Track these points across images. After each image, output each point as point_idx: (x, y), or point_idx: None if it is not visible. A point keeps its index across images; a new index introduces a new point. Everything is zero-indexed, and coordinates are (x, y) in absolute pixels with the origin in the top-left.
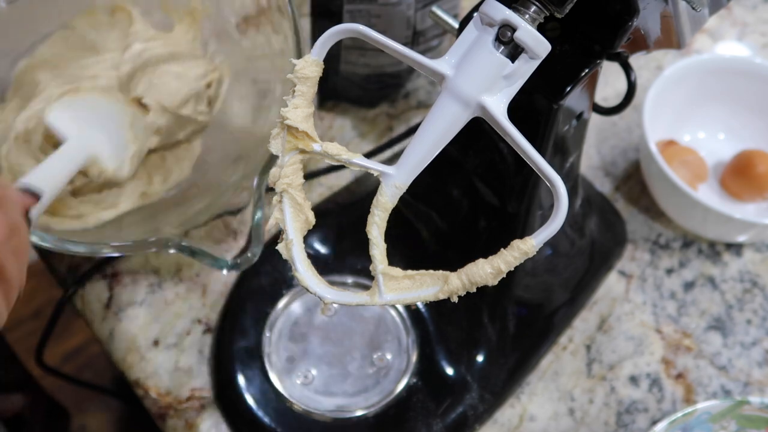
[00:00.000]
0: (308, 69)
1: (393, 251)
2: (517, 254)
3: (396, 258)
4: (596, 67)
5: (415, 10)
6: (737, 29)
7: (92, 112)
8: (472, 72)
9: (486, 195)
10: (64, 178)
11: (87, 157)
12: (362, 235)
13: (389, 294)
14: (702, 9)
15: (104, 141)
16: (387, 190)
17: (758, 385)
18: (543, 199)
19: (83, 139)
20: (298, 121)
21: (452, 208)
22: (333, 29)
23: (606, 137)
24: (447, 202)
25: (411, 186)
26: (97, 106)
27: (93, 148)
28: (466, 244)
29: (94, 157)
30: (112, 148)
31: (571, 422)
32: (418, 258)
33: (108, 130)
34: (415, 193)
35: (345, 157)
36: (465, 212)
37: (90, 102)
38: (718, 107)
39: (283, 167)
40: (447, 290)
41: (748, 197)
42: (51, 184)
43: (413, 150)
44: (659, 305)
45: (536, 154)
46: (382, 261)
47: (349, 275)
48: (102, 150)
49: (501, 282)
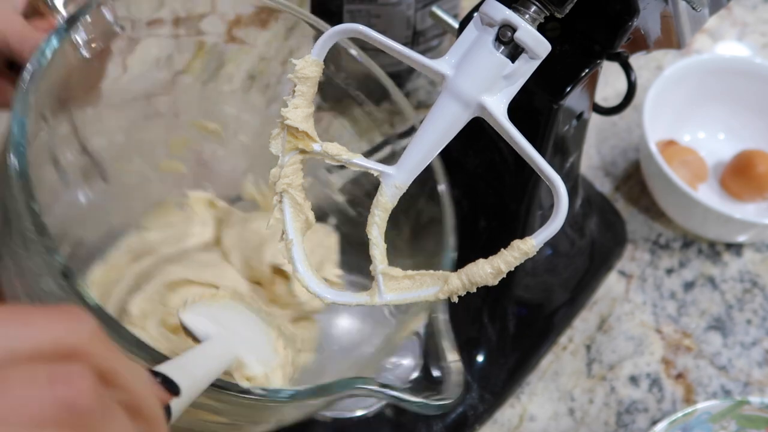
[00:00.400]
0: (308, 69)
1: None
2: (517, 254)
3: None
4: (596, 67)
5: (415, 10)
6: (737, 29)
7: (231, 315)
8: (472, 72)
9: (486, 195)
10: (207, 379)
11: (232, 360)
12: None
13: (389, 294)
14: (702, 9)
15: (248, 344)
16: (387, 190)
17: (758, 385)
18: (543, 199)
19: (227, 340)
20: (298, 121)
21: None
22: (333, 29)
23: (606, 137)
24: None
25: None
26: (235, 310)
27: (238, 351)
28: (467, 243)
29: (239, 361)
30: (258, 352)
31: (571, 422)
32: None
33: (250, 334)
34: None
35: (345, 157)
36: (465, 212)
37: (226, 305)
38: (718, 107)
39: (283, 167)
40: (447, 290)
41: (748, 197)
42: (191, 384)
43: (413, 150)
44: (659, 305)
45: (536, 154)
46: (382, 261)
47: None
48: (247, 353)
49: (501, 282)
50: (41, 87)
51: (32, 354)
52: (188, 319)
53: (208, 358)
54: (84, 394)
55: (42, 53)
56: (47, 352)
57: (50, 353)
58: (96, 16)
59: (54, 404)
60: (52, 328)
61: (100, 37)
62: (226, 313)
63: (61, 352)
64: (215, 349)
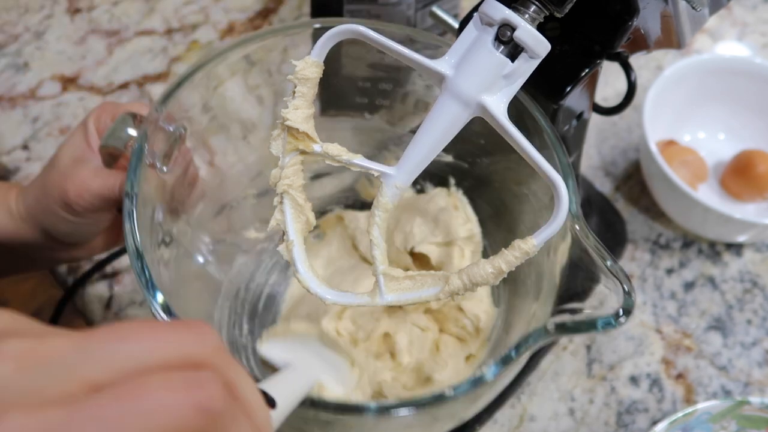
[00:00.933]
0: (308, 70)
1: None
2: (518, 254)
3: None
4: (596, 67)
5: (415, 10)
6: (737, 29)
7: (306, 345)
8: (472, 72)
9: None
10: (296, 398)
11: (313, 383)
12: None
13: (390, 294)
14: (702, 9)
15: (326, 368)
16: (387, 190)
17: (758, 385)
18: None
19: (305, 366)
20: (299, 122)
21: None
22: (333, 30)
23: (606, 137)
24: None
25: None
26: (309, 339)
27: (317, 374)
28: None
29: (320, 384)
30: (336, 375)
31: (571, 422)
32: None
33: (326, 359)
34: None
35: (345, 157)
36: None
37: (301, 337)
38: (718, 107)
39: (284, 168)
40: (448, 290)
41: (748, 197)
42: (284, 401)
43: (413, 150)
44: (659, 305)
45: (537, 154)
46: (383, 261)
47: None
48: (326, 376)
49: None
50: (142, 217)
51: (164, 364)
52: (265, 350)
53: (289, 382)
54: (217, 398)
55: (127, 192)
56: (177, 363)
57: (180, 364)
58: (155, 136)
59: (192, 407)
60: (181, 340)
61: (168, 147)
62: (300, 343)
63: (190, 363)
64: (295, 373)
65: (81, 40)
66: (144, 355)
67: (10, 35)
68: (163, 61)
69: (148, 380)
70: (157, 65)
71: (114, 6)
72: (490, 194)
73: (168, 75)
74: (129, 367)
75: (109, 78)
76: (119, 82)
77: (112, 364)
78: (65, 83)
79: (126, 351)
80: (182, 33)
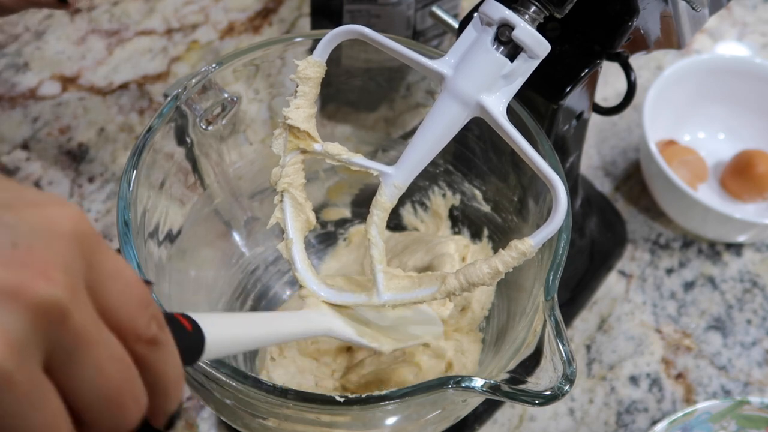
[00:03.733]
0: (310, 70)
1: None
2: (515, 254)
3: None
4: (596, 67)
5: (415, 10)
6: (737, 29)
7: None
8: (471, 71)
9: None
10: (256, 333)
11: (317, 330)
12: None
13: (387, 294)
14: (702, 9)
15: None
16: (386, 189)
17: (758, 385)
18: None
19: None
20: (300, 121)
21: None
22: (335, 31)
23: (606, 137)
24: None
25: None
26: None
27: (333, 325)
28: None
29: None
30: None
31: (571, 422)
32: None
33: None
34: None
35: (345, 156)
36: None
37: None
38: (718, 107)
39: (285, 167)
40: (444, 290)
41: (748, 197)
42: (221, 330)
43: (413, 150)
44: (659, 305)
45: (535, 154)
46: (381, 261)
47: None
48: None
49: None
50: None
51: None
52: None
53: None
54: (52, 288)
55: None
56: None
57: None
58: (205, 94)
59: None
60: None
61: (218, 108)
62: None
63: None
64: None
65: (81, 40)
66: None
67: (10, 35)
68: (163, 61)
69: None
70: (157, 65)
71: (114, 6)
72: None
73: (168, 75)
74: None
75: (109, 78)
76: (119, 82)
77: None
78: (65, 83)
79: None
80: (182, 33)
